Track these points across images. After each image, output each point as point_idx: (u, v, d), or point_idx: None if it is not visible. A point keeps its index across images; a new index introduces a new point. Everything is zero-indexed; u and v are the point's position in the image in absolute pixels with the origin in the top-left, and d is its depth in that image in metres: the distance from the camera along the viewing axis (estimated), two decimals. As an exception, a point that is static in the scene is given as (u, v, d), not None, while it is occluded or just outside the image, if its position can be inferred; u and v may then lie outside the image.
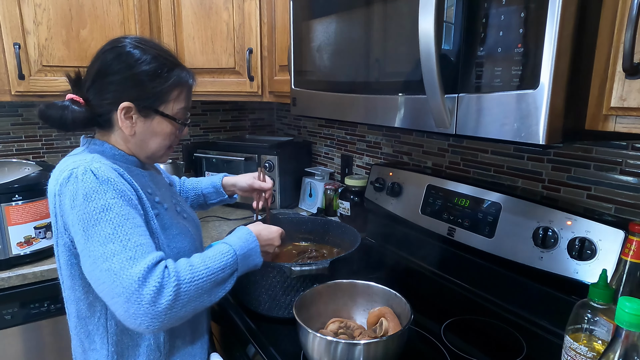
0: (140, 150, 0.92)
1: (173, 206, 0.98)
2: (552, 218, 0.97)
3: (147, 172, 0.96)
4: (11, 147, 1.83)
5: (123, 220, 0.76)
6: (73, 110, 0.86)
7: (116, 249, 0.73)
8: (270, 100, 1.67)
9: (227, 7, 1.62)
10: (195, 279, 0.77)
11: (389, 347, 0.79)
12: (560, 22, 0.60)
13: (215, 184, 1.28)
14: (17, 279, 1.31)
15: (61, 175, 0.80)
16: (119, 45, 0.87)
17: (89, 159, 0.81)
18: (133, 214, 0.79)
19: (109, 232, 0.74)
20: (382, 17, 0.92)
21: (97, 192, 0.76)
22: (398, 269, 1.36)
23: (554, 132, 0.64)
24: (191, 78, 0.94)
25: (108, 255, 0.73)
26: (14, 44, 1.44)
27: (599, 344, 0.72)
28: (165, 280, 0.73)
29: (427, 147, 1.45)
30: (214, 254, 0.84)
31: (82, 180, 0.77)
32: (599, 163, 1.00)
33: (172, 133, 0.92)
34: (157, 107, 0.88)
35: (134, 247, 0.74)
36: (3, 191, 1.27)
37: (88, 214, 0.75)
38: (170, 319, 0.74)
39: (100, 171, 0.78)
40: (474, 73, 0.73)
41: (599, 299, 0.71)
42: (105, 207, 0.75)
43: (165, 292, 0.72)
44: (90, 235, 0.75)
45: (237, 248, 0.87)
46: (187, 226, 0.98)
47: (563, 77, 0.63)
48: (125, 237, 0.74)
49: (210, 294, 0.81)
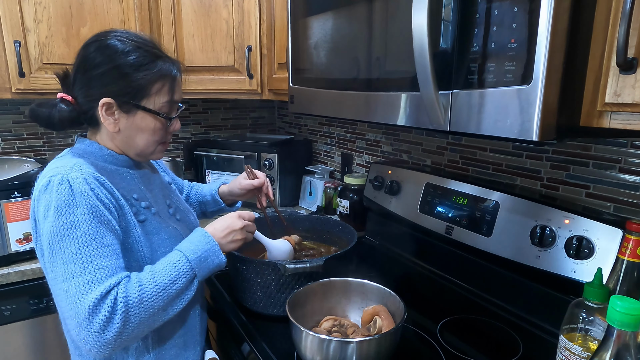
0: (128, 148, 0.89)
1: (165, 208, 0.96)
2: (550, 217, 0.96)
3: (138, 171, 0.93)
4: (13, 145, 1.84)
5: (89, 240, 0.75)
6: (60, 109, 0.84)
7: (76, 271, 0.73)
8: (269, 98, 1.66)
9: (226, 5, 1.62)
10: (144, 299, 0.76)
11: (381, 345, 0.78)
12: (554, 17, 0.59)
13: (212, 192, 1.25)
14: (16, 275, 1.32)
15: (41, 182, 0.79)
16: (100, 39, 0.84)
17: (70, 165, 0.79)
18: (102, 232, 0.77)
19: (73, 250, 0.74)
20: (379, 13, 0.91)
21: (69, 206, 0.75)
22: (396, 268, 1.35)
23: (547, 129, 0.64)
24: (175, 69, 0.89)
25: (67, 276, 0.74)
26: (14, 42, 1.45)
27: (595, 344, 0.71)
28: (114, 309, 0.73)
29: (427, 146, 1.44)
30: (164, 267, 0.81)
31: (57, 191, 0.76)
32: (598, 161, 0.99)
33: (159, 128, 0.88)
34: (139, 102, 0.84)
35: (94, 271, 0.74)
36: (2, 188, 1.28)
37: (56, 228, 0.74)
38: (121, 343, 0.75)
39: (77, 182, 0.76)
40: (468, 69, 0.72)
41: (594, 298, 0.70)
42: (73, 224, 0.75)
43: (114, 321, 0.73)
44: (54, 250, 0.75)
45: (189, 253, 0.84)
46: (179, 229, 0.95)
47: (557, 73, 0.62)
48: (87, 259, 0.74)
49: (167, 309, 0.81)
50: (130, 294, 0.75)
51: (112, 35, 0.84)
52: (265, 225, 1.18)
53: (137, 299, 0.76)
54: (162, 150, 0.93)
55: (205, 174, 1.98)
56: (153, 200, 0.93)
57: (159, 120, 0.87)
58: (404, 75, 0.86)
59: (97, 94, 0.82)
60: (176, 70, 0.89)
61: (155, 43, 0.89)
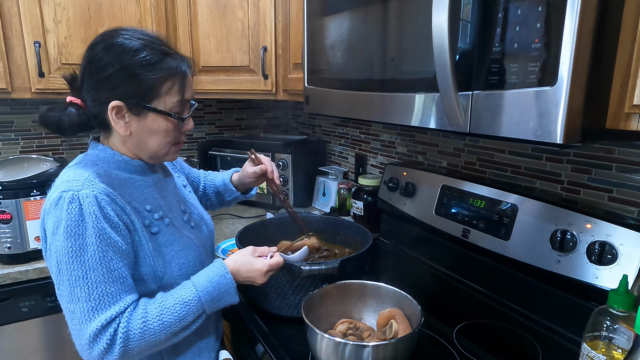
0: (141, 151, 0.87)
1: (180, 215, 0.94)
2: (571, 221, 0.94)
3: (152, 177, 0.91)
4: (32, 144, 1.88)
5: (95, 265, 0.75)
6: (70, 114, 0.82)
7: (81, 296, 0.74)
8: (284, 98, 1.66)
9: (242, 5, 1.62)
10: (145, 335, 0.77)
11: (398, 350, 0.77)
12: (581, 16, 0.58)
13: (225, 180, 1.23)
14: (35, 273, 1.34)
15: (52, 195, 0.78)
16: (106, 39, 0.81)
17: (82, 180, 0.78)
18: (109, 255, 0.76)
19: (80, 274, 0.74)
20: (396, 13, 0.90)
21: (78, 227, 0.74)
22: (410, 270, 1.33)
23: (572, 131, 0.62)
24: (185, 65, 0.84)
25: (73, 299, 0.75)
26: (34, 43, 1.47)
27: (619, 353, 0.69)
28: (113, 341, 0.75)
29: (443, 147, 1.42)
30: (175, 303, 0.80)
31: (67, 210, 0.74)
32: (622, 164, 0.96)
33: (172, 129, 0.85)
34: (149, 103, 0.81)
35: (98, 297, 0.75)
36: (21, 186, 1.31)
37: (64, 249, 0.74)
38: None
39: (87, 202, 0.75)
40: (489, 70, 0.71)
41: (619, 306, 0.68)
42: (81, 247, 0.74)
43: (113, 351, 0.75)
44: (61, 270, 0.75)
45: (204, 294, 0.82)
46: (193, 238, 0.93)
47: (583, 74, 0.61)
48: (92, 285, 0.74)
49: (169, 340, 0.81)
50: (132, 328, 0.76)
51: (118, 34, 0.81)
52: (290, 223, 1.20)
53: (139, 334, 0.76)
54: (176, 151, 0.91)
55: (219, 174, 1.99)
56: (167, 208, 0.91)
57: (170, 121, 0.84)
58: (423, 76, 0.84)
59: (106, 97, 0.80)
60: (186, 66, 0.85)
61: (163, 39, 0.85)
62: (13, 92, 1.50)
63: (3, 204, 1.28)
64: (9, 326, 1.34)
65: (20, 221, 1.31)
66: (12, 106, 1.82)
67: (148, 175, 0.90)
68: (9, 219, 1.30)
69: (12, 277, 1.31)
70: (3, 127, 1.82)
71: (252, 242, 1.16)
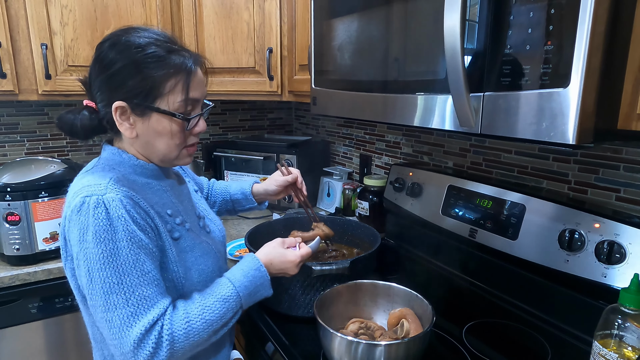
0: (150, 154, 0.84)
1: (196, 220, 0.93)
2: (579, 220, 0.95)
3: (168, 182, 0.90)
4: (37, 145, 1.88)
5: (129, 269, 0.73)
6: (82, 117, 0.81)
7: (119, 302, 0.72)
8: (289, 99, 1.67)
9: (247, 6, 1.63)
10: (190, 335, 0.76)
11: (410, 349, 0.78)
12: (593, 18, 0.59)
13: (244, 190, 1.22)
14: (43, 274, 1.34)
15: (73, 200, 0.75)
16: (109, 38, 0.79)
17: (105, 184, 0.76)
18: (142, 258, 0.74)
19: (114, 281, 0.72)
20: (403, 15, 0.91)
21: (107, 232, 0.72)
22: (418, 270, 1.34)
23: (584, 132, 0.63)
24: (191, 62, 0.80)
25: (110, 307, 0.72)
26: (41, 45, 1.47)
27: (629, 351, 0.70)
28: (159, 344, 0.73)
29: (448, 147, 1.43)
30: (214, 301, 0.80)
31: (94, 215, 0.72)
32: (629, 164, 0.97)
33: (178, 130, 0.81)
34: (152, 103, 0.78)
35: (137, 302, 0.73)
36: (30, 188, 1.31)
37: (95, 255, 0.72)
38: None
39: (113, 206, 0.73)
40: (500, 71, 0.71)
41: (630, 304, 0.68)
42: (113, 252, 0.72)
43: (160, 355, 0.73)
44: (94, 279, 0.72)
45: (241, 289, 0.83)
46: (210, 243, 0.92)
47: (595, 75, 0.61)
48: (129, 289, 0.72)
49: (211, 338, 0.81)
50: (176, 330, 0.75)
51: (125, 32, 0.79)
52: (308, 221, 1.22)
53: (184, 334, 0.75)
54: (188, 155, 0.87)
55: (223, 175, 2.00)
56: (185, 213, 0.90)
57: (175, 121, 0.80)
58: (432, 77, 0.85)
59: (110, 98, 0.78)
60: (192, 63, 0.80)
61: (169, 36, 0.82)
62: (20, 94, 1.50)
63: (12, 205, 1.29)
64: (17, 327, 1.35)
65: (28, 222, 1.31)
66: (18, 108, 1.82)
67: (164, 180, 0.89)
68: (18, 220, 1.30)
69: (20, 278, 1.31)
70: (9, 129, 1.82)
71: (262, 243, 1.17)
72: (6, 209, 1.29)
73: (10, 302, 1.32)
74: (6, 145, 1.82)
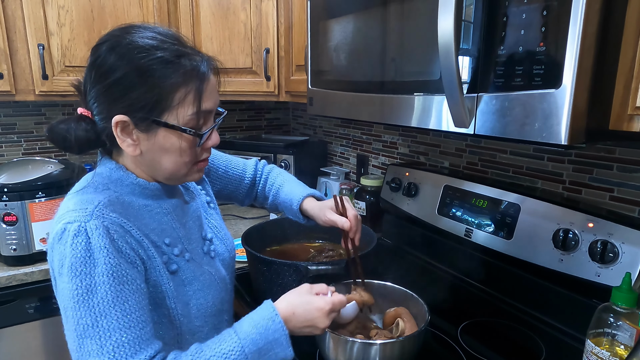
0: (155, 172, 0.74)
1: (200, 245, 0.83)
2: (573, 220, 0.95)
3: (171, 203, 0.79)
4: (34, 146, 1.88)
5: (107, 309, 0.63)
6: (76, 128, 0.70)
7: (92, 349, 0.62)
8: (286, 100, 1.68)
9: (244, 7, 1.63)
10: None
11: (405, 348, 0.79)
12: (585, 20, 0.59)
13: (292, 203, 1.02)
14: (40, 274, 1.34)
15: (56, 226, 0.66)
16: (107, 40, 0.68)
17: (90, 209, 0.66)
18: (124, 295, 0.64)
19: (88, 322, 0.62)
20: (399, 16, 0.91)
21: (86, 265, 0.63)
22: (413, 270, 1.35)
23: (576, 133, 0.63)
24: (205, 66, 0.70)
25: (84, 352, 0.63)
26: (38, 45, 1.48)
27: (622, 349, 0.70)
28: None
29: (444, 147, 1.44)
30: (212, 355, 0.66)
31: (72, 245, 0.63)
32: (623, 164, 0.98)
33: (188, 147, 0.71)
34: (158, 117, 0.67)
35: (112, 350, 0.62)
36: (27, 188, 1.31)
37: (70, 291, 0.63)
38: None
39: (96, 235, 0.64)
40: (494, 72, 0.72)
41: (622, 303, 0.69)
42: (89, 289, 0.62)
43: None
44: (68, 317, 0.64)
45: (247, 342, 0.68)
46: (214, 273, 0.82)
47: (586, 77, 0.62)
48: (104, 334, 0.62)
49: None
50: None
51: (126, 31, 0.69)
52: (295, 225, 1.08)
53: None
54: (199, 171, 0.77)
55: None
56: (186, 239, 0.80)
57: (185, 138, 0.70)
58: (427, 78, 0.86)
59: (109, 111, 0.68)
60: (205, 67, 0.70)
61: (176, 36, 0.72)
62: (17, 94, 1.50)
63: (9, 205, 1.29)
64: (14, 327, 1.35)
65: (25, 223, 1.31)
66: (15, 108, 1.82)
67: (165, 201, 0.78)
68: (15, 220, 1.30)
69: (17, 278, 1.31)
70: (6, 129, 1.82)
71: (258, 243, 1.17)
72: (3, 209, 1.29)
73: (7, 302, 1.32)
74: (3, 145, 1.82)
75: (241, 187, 1.10)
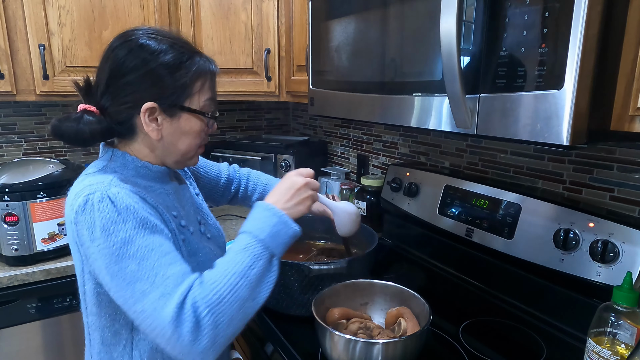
0: (168, 155, 0.83)
1: (197, 226, 0.91)
2: (573, 220, 0.96)
3: (171, 185, 0.87)
4: (35, 146, 1.88)
5: (147, 253, 0.69)
6: (89, 122, 0.76)
7: (145, 288, 0.68)
8: (287, 100, 1.68)
9: (245, 7, 1.63)
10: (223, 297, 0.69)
11: (407, 347, 0.79)
12: (587, 21, 0.60)
13: None
14: (41, 274, 1.34)
15: (76, 201, 0.72)
16: (130, 39, 0.77)
17: (107, 182, 0.73)
18: (159, 240, 0.72)
19: (134, 268, 0.68)
20: (400, 17, 0.92)
21: (116, 223, 0.69)
22: (415, 270, 1.35)
23: (578, 133, 0.64)
24: (212, 64, 0.84)
25: (138, 297, 0.68)
26: (39, 45, 1.48)
27: (622, 348, 0.71)
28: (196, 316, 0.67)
29: (445, 148, 1.44)
30: (235, 255, 0.73)
31: (99, 209, 0.69)
32: (623, 164, 0.98)
33: (202, 130, 0.83)
34: (183, 103, 0.79)
35: (163, 282, 0.69)
36: (28, 189, 1.31)
37: (108, 249, 0.69)
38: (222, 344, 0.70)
39: (119, 198, 0.71)
40: (495, 73, 0.72)
41: (623, 302, 0.70)
42: (126, 241, 0.69)
43: (202, 327, 0.67)
44: (114, 273, 0.69)
45: (257, 232, 0.75)
46: (212, 248, 0.90)
47: (588, 78, 0.62)
48: (152, 272, 0.69)
49: (254, 297, 0.73)
50: (207, 296, 0.69)
51: (140, 34, 0.78)
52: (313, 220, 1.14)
53: (215, 298, 0.69)
54: (199, 154, 0.89)
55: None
56: (187, 217, 0.88)
57: (202, 120, 0.82)
58: (429, 78, 0.86)
59: (136, 100, 0.76)
60: (214, 65, 0.84)
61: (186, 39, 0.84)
62: (18, 94, 1.50)
63: (10, 206, 1.29)
64: (16, 328, 1.35)
65: (27, 223, 1.32)
66: (15, 108, 1.82)
67: (167, 183, 0.87)
68: (16, 221, 1.30)
69: (19, 278, 1.31)
70: (6, 129, 1.82)
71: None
72: (4, 210, 1.29)
73: (8, 302, 1.32)
74: (3, 145, 1.82)
75: (217, 188, 1.19)
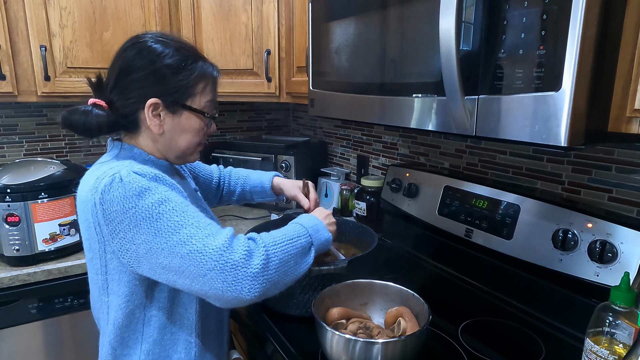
0: (169, 150, 0.89)
1: None
2: (572, 220, 0.96)
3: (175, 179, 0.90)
4: (36, 147, 1.89)
5: (185, 207, 0.75)
6: (97, 115, 0.82)
7: (191, 232, 0.72)
8: (287, 101, 1.68)
9: (245, 9, 1.64)
10: (277, 242, 0.78)
11: (407, 347, 0.79)
12: (584, 23, 0.60)
13: (264, 184, 1.25)
14: (43, 274, 1.35)
15: (101, 182, 0.75)
16: (140, 41, 0.84)
17: (127, 163, 0.79)
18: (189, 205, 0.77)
19: (177, 219, 0.73)
20: (400, 19, 0.92)
21: (149, 188, 0.74)
22: (414, 270, 1.36)
23: (576, 134, 0.64)
24: (215, 70, 0.91)
25: (185, 240, 0.72)
26: (40, 46, 1.48)
27: (620, 347, 0.71)
28: (251, 244, 0.74)
29: (444, 148, 1.45)
30: (284, 229, 0.83)
31: (129, 181, 0.73)
32: (621, 165, 0.99)
33: (201, 128, 0.89)
34: (185, 102, 0.85)
35: (207, 226, 0.74)
36: (30, 189, 1.32)
37: (147, 210, 0.72)
38: (267, 282, 0.74)
39: (145, 170, 0.76)
40: (494, 74, 0.73)
41: (620, 302, 0.70)
42: (162, 200, 0.73)
43: (256, 254, 0.73)
44: (157, 229, 0.72)
45: (304, 222, 0.87)
46: None
47: (586, 79, 0.63)
48: (195, 220, 0.74)
49: (296, 262, 0.80)
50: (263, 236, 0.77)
51: (149, 37, 0.85)
52: None
53: (271, 240, 0.77)
54: (199, 152, 0.94)
55: (222, 176, 2.01)
56: None
57: (202, 120, 0.89)
58: (428, 80, 0.87)
59: (142, 95, 0.82)
60: (216, 71, 0.91)
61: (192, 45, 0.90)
62: (19, 95, 1.51)
63: (12, 206, 1.29)
64: (17, 328, 1.35)
65: (28, 223, 1.32)
66: (16, 109, 1.83)
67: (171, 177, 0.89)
68: (18, 221, 1.31)
69: (20, 279, 1.32)
70: (7, 130, 1.83)
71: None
72: (6, 210, 1.29)
73: (9, 302, 1.33)
74: (5, 146, 1.83)
75: (211, 187, 1.26)
